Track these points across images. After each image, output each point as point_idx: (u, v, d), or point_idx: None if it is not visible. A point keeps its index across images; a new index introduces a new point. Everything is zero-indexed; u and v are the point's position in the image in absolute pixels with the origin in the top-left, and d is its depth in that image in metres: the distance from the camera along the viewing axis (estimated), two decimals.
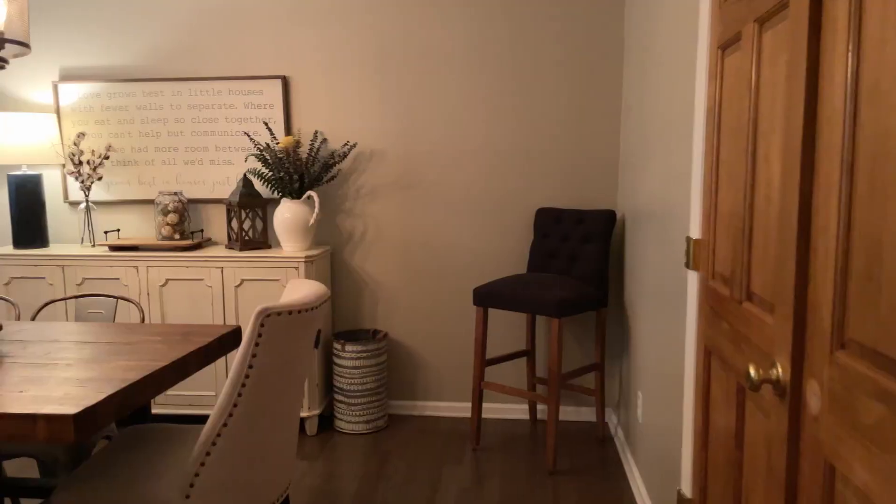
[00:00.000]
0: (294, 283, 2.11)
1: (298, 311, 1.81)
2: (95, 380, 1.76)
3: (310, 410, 3.24)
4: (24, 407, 1.56)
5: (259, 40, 3.42)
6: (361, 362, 3.25)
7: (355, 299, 3.53)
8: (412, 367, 3.55)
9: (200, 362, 2.10)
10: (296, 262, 3.13)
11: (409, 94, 3.39)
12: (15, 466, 2.94)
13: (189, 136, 3.50)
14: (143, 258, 3.20)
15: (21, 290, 3.28)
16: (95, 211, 3.59)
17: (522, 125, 3.35)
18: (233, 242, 3.33)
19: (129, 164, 3.54)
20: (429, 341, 3.53)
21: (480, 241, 3.43)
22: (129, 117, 3.51)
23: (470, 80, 3.35)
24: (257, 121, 3.45)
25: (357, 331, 3.49)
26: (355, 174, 3.47)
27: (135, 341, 2.16)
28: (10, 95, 3.56)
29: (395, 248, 3.49)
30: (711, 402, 1.78)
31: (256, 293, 3.17)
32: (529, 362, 3.36)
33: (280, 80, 3.41)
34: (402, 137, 3.42)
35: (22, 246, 3.36)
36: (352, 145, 3.42)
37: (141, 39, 3.47)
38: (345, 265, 3.52)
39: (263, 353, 1.76)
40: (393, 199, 3.46)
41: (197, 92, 3.46)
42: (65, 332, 2.28)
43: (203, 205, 3.54)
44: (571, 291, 2.86)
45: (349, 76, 3.41)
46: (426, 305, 3.50)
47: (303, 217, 3.21)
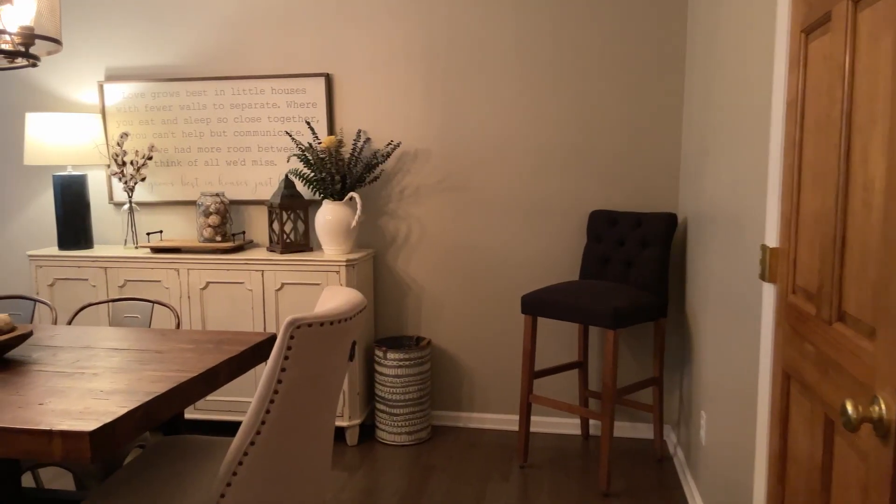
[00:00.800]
0: (330, 291, 1.99)
1: (331, 322, 1.68)
2: (119, 392, 1.67)
3: (350, 420, 3.12)
4: (41, 421, 1.47)
5: (303, 37, 3.33)
6: (404, 371, 3.11)
7: (398, 305, 3.40)
8: (457, 377, 3.40)
9: (232, 372, 2.00)
10: (337, 265, 3.02)
11: (455, 92, 3.24)
12: (50, 473, 2.91)
13: (232, 136, 3.43)
14: (184, 260, 3.14)
15: (64, 292, 3.27)
16: (139, 212, 3.56)
17: (575, 122, 3.16)
18: (274, 245, 3.24)
19: (172, 165, 3.50)
20: (474, 350, 3.37)
21: (529, 245, 3.26)
22: (173, 117, 3.47)
23: (519, 76, 3.18)
24: (300, 120, 3.36)
25: (400, 337, 3.36)
26: (399, 174, 3.34)
27: (165, 349, 2.07)
28: (58, 96, 3.57)
29: (439, 251, 3.34)
30: (790, 431, 1.58)
31: (297, 298, 3.08)
32: (581, 375, 3.17)
33: (323, 77, 3.31)
34: (447, 136, 3.28)
35: (66, 247, 3.35)
36: (395, 145, 3.29)
37: (185, 38, 3.43)
38: (387, 269, 3.39)
39: (293, 367, 1.64)
40: (438, 200, 3.32)
41: (240, 91, 3.39)
42: (97, 337, 2.21)
43: (245, 206, 3.47)
44: (628, 300, 2.67)
45: (394, 73, 3.28)
46: (472, 312, 3.35)
47: (345, 219, 3.10)
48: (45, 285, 3.28)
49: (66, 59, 3.54)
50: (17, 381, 1.76)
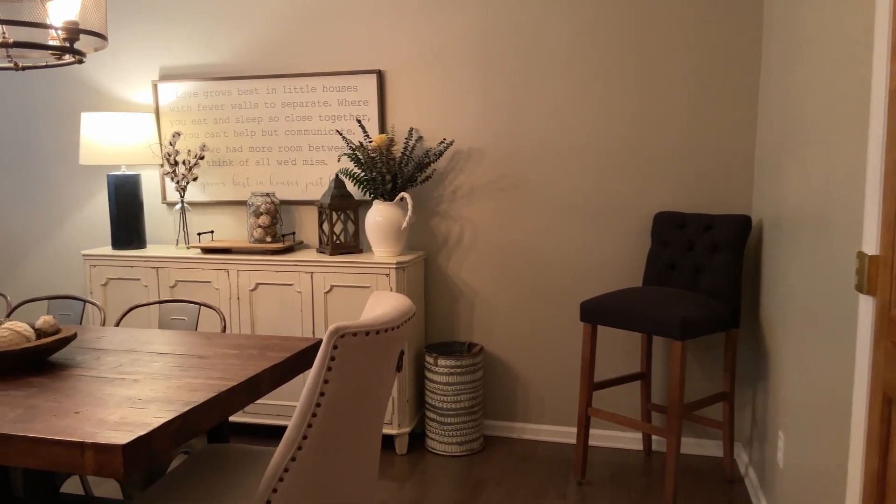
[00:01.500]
0: (377, 297, 1.88)
1: (377, 331, 1.56)
2: (157, 401, 1.59)
3: (399, 428, 3.02)
4: (74, 432, 1.40)
5: (355, 34, 3.25)
6: (455, 378, 2.99)
7: (449, 309, 3.28)
8: (511, 386, 3.25)
9: (275, 381, 1.91)
10: (387, 268, 2.92)
11: (511, 88, 3.10)
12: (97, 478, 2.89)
13: (283, 135, 3.37)
14: (234, 261, 3.09)
15: (117, 292, 3.27)
16: (190, 212, 3.54)
17: (639, 119, 2.98)
18: (323, 246, 3.16)
19: (223, 165, 3.47)
20: (529, 358, 3.22)
21: (589, 248, 3.09)
22: (225, 116, 3.43)
23: (580, 69, 3.02)
24: (351, 118, 3.27)
25: (451, 343, 3.23)
26: (452, 174, 3.21)
27: (209, 354, 1.99)
28: (113, 95, 3.58)
29: (493, 254, 3.20)
30: (891, 464, 1.38)
31: (346, 300, 2.99)
32: (644, 387, 2.98)
33: (375, 74, 3.21)
34: (503, 134, 3.14)
35: (120, 247, 3.35)
36: (448, 143, 3.17)
37: (237, 36, 3.39)
38: (439, 272, 3.27)
39: (337, 378, 1.53)
40: (492, 200, 3.18)
41: (291, 89, 3.33)
42: (142, 340, 2.16)
43: (295, 206, 3.41)
44: (697, 309, 2.47)
45: (447, 69, 3.16)
46: (527, 318, 3.20)
47: (395, 220, 2.99)
48: (98, 285, 3.28)
49: (120, 58, 3.55)
50: (56, 386, 1.71)
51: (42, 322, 1.96)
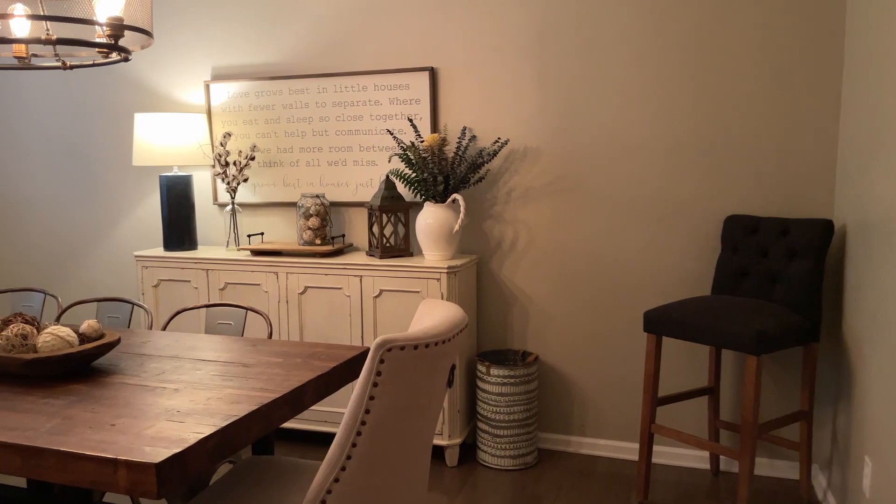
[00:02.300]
0: (426, 305, 1.76)
1: (426, 344, 1.44)
2: (196, 413, 1.51)
3: (450, 439, 2.90)
4: (107, 447, 1.33)
5: (407, 30, 3.15)
6: (508, 389, 2.85)
7: (503, 316, 3.14)
8: (567, 397, 3.09)
9: (320, 392, 1.81)
10: (437, 272, 2.80)
11: (570, 84, 2.95)
12: None
13: (333, 135, 3.30)
14: (283, 264, 3.03)
15: (168, 293, 3.25)
16: (241, 213, 3.51)
17: (708, 115, 2.78)
18: (373, 249, 3.07)
19: (274, 166, 3.42)
20: (588, 369, 3.05)
21: (653, 254, 2.91)
22: (276, 116, 3.38)
23: (643, 65, 2.84)
24: (402, 117, 3.17)
25: (504, 351, 3.10)
26: (506, 175, 3.08)
27: (252, 363, 1.92)
28: (166, 96, 3.58)
29: (549, 258, 3.05)
30: None
31: (395, 305, 2.89)
32: (712, 402, 2.78)
33: (427, 72, 3.10)
34: (560, 133, 2.98)
35: (171, 248, 3.33)
36: (503, 142, 3.04)
37: (289, 34, 3.33)
38: (492, 277, 3.14)
39: (383, 395, 1.42)
40: (548, 202, 3.03)
41: (342, 88, 3.26)
42: (186, 346, 2.10)
43: (346, 208, 3.33)
44: (774, 321, 2.27)
45: (502, 65, 3.03)
46: (585, 327, 3.03)
47: (447, 222, 2.88)
48: (149, 286, 3.27)
49: (174, 59, 3.54)
50: (96, 394, 1.65)
51: (86, 327, 1.91)
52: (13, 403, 1.58)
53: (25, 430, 1.41)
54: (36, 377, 1.79)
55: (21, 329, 1.79)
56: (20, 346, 1.77)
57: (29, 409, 1.54)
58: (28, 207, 3.94)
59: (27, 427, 1.43)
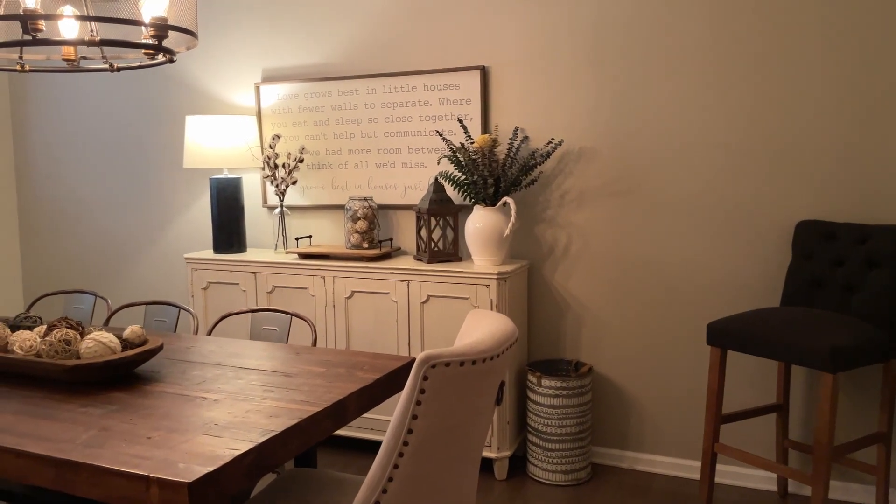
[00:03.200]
0: (475, 317, 1.67)
1: (473, 360, 1.35)
2: (234, 427, 1.45)
3: (499, 451, 2.79)
4: (139, 463, 1.28)
5: (457, 28, 3.06)
6: (561, 401, 2.73)
7: (555, 324, 3.02)
8: (623, 411, 2.95)
9: (362, 405, 1.74)
10: (487, 278, 2.70)
11: (628, 81, 2.80)
12: None
13: (382, 136, 3.24)
14: (330, 268, 2.98)
15: (217, 296, 3.24)
16: (290, 216, 3.48)
17: (776, 112, 2.60)
18: (421, 253, 2.99)
19: (323, 168, 3.38)
20: (645, 381, 2.90)
21: (718, 261, 2.74)
22: (325, 118, 3.34)
23: (706, 60, 2.68)
24: (452, 118, 3.09)
25: (556, 361, 2.97)
26: (560, 177, 2.96)
27: (294, 372, 1.86)
28: (218, 98, 3.58)
29: (605, 265, 2.92)
30: None
31: (443, 312, 2.80)
32: (780, 421, 2.60)
33: (479, 71, 3.01)
34: (617, 133, 2.84)
35: (221, 250, 3.33)
36: (557, 143, 2.92)
37: (338, 36, 3.28)
38: (544, 283, 3.02)
39: (427, 414, 1.33)
40: (604, 206, 2.89)
41: (391, 88, 3.19)
42: (229, 353, 2.06)
43: (394, 211, 3.26)
44: (851, 336, 2.09)
45: (557, 63, 2.91)
46: (643, 337, 2.88)
47: (497, 227, 2.77)
48: (199, 288, 3.28)
49: (225, 61, 3.54)
50: (135, 403, 1.61)
51: (129, 332, 1.89)
52: (52, 412, 1.56)
53: (61, 442, 1.38)
54: (78, 383, 1.77)
55: (65, 334, 1.77)
56: (63, 352, 1.75)
57: (67, 419, 1.51)
58: (84, 208, 4.01)
59: (63, 438, 1.40)
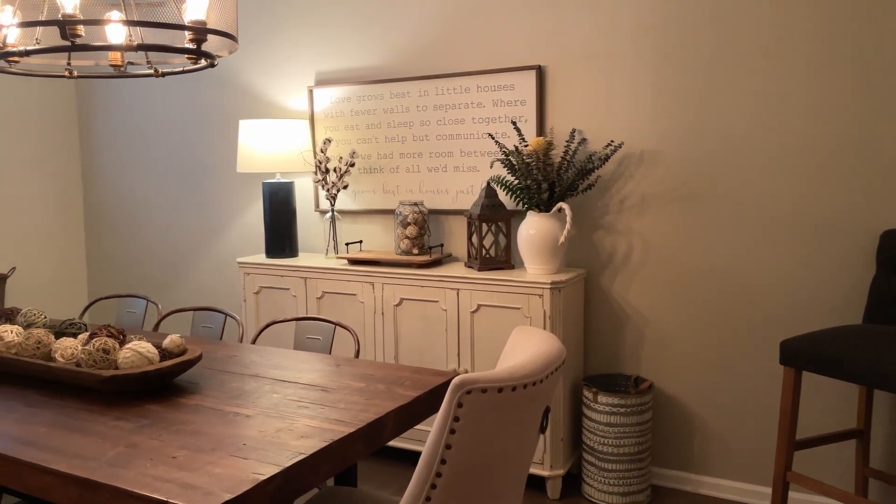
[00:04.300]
0: (519, 335, 1.55)
1: (513, 387, 1.24)
2: (262, 448, 1.38)
3: (552, 469, 2.66)
4: (160, 487, 1.22)
5: (512, 27, 2.94)
6: (618, 419, 2.58)
7: (613, 337, 2.86)
8: (686, 431, 2.77)
9: (401, 425, 1.65)
10: (540, 287, 2.58)
11: (695, 79, 2.63)
12: None
13: (434, 140, 3.15)
14: (378, 274, 2.92)
15: (268, 300, 3.22)
16: (341, 220, 3.44)
17: (862, 116, 2.38)
18: (472, 260, 2.89)
19: (374, 172, 3.32)
20: (712, 401, 2.71)
21: (792, 273, 2.53)
22: (377, 121, 3.28)
23: (783, 56, 2.48)
24: (506, 120, 2.97)
25: (614, 376, 2.82)
26: (619, 181, 2.80)
27: (333, 386, 1.78)
28: (272, 102, 3.57)
29: (668, 275, 2.74)
30: None
31: (494, 322, 2.69)
32: (860, 448, 2.37)
33: (534, 70, 2.88)
34: (682, 135, 2.67)
35: (273, 255, 3.31)
36: (616, 146, 2.76)
37: (391, 37, 3.22)
38: (601, 294, 2.87)
39: (462, 443, 1.23)
40: (668, 212, 2.72)
41: (443, 90, 3.10)
42: (270, 364, 2.01)
43: (445, 216, 3.17)
44: None
45: (617, 61, 2.75)
46: (709, 353, 2.70)
47: (551, 233, 2.64)
48: (251, 293, 3.27)
49: (279, 65, 3.53)
50: (168, 417, 1.57)
51: (168, 342, 1.86)
52: (85, 424, 1.53)
53: (87, 459, 1.34)
54: (115, 393, 1.75)
55: (104, 343, 1.75)
56: (101, 361, 1.73)
57: (98, 433, 1.48)
58: (143, 211, 4.08)
59: (90, 455, 1.36)
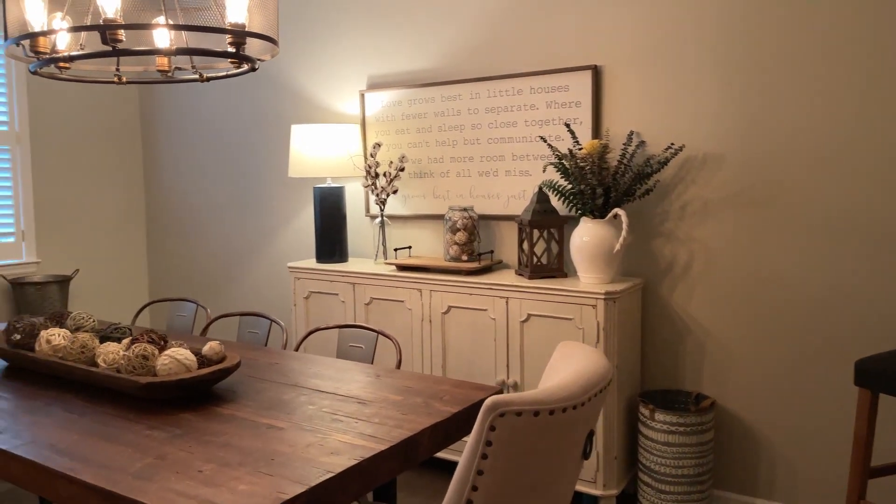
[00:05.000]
0: (565, 349, 1.45)
1: (551, 410, 1.14)
2: (290, 464, 1.33)
3: (605, 489, 2.53)
4: (180, 503, 1.18)
5: (566, 26, 2.83)
6: (677, 438, 2.43)
7: (672, 351, 2.71)
8: (751, 452, 2.59)
9: (437, 443, 1.57)
10: (594, 297, 2.46)
11: (761, 78, 2.46)
12: None
13: (485, 143, 3.07)
14: (427, 281, 2.85)
15: (318, 306, 3.21)
16: (391, 226, 3.39)
17: None
18: (522, 268, 2.79)
19: (425, 176, 3.26)
20: (779, 421, 2.53)
21: (870, 287, 2.33)
22: (427, 125, 3.22)
23: (859, 52, 2.28)
24: (559, 123, 2.86)
25: (673, 392, 2.66)
26: (680, 186, 2.65)
27: (370, 398, 1.72)
28: (324, 107, 3.56)
29: (732, 286, 2.57)
30: None
31: (545, 333, 2.58)
32: None
33: (590, 70, 2.77)
34: (749, 136, 2.50)
35: (323, 260, 3.29)
36: (677, 149, 2.61)
37: (443, 38, 3.15)
38: (659, 305, 2.72)
39: (495, 470, 1.14)
40: (733, 219, 2.55)
41: (495, 92, 3.01)
42: (310, 373, 1.96)
43: (496, 222, 3.08)
44: None
45: (678, 60, 2.61)
46: (777, 371, 2.51)
47: (606, 241, 2.52)
48: (301, 297, 3.26)
49: (331, 69, 3.51)
50: (200, 427, 1.54)
51: (207, 348, 1.84)
52: (119, 433, 1.52)
53: (114, 471, 1.31)
54: (152, 400, 1.73)
55: (143, 349, 1.74)
56: (140, 367, 1.72)
57: (129, 442, 1.46)
58: (199, 215, 4.15)
59: (117, 466, 1.33)
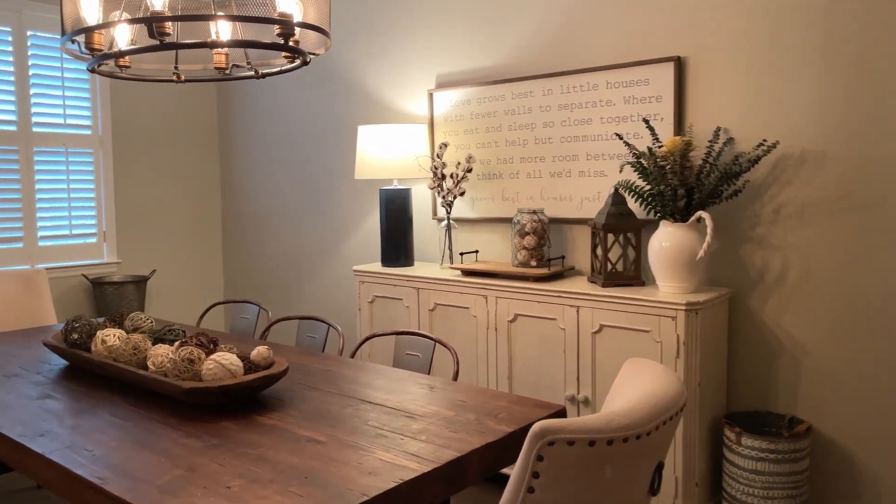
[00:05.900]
0: (633, 368, 1.28)
1: (609, 440, 0.98)
2: (325, 486, 1.22)
3: None
4: None
5: (645, 15, 2.63)
6: (767, 466, 2.18)
7: (763, 369, 2.45)
8: (852, 484, 2.30)
9: (487, 466, 1.43)
10: (673, 308, 2.24)
11: (867, 68, 2.18)
12: None
13: (557, 142, 2.90)
14: (492, 287, 2.71)
15: (382, 310, 3.12)
16: (458, 229, 3.27)
17: None
18: (595, 274, 2.60)
19: (493, 178, 3.12)
20: (885, 450, 2.23)
21: None
22: (497, 124, 3.08)
23: None
24: (638, 119, 2.66)
25: (763, 414, 2.41)
26: (774, 187, 2.39)
27: (420, 413, 1.60)
28: (392, 107, 3.49)
29: (832, 299, 2.30)
30: None
31: (618, 345, 2.39)
32: None
33: (673, 62, 2.55)
34: (853, 134, 2.23)
35: (388, 264, 3.21)
36: (770, 146, 2.36)
37: (514, 34, 3.01)
38: (749, 317, 2.47)
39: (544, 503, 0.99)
40: (834, 224, 2.28)
41: (569, 88, 2.84)
42: (361, 382, 1.86)
43: (568, 225, 2.90)
44: None
45: (774, 50, 2.36)
46: (882, 394, 2.22)
47: (688, 246, 2.30)
48: (366, 302, 3.18)
49: (401, 69, 3.43)
50: (237, 438, 1.46)
51: (255, 353, 1.76)
52: (156, 439, 1.45)
53: (142, 482, 1.24)
54: (196, 406, 1.67)
55: (189, 353, 1.69)
56: (185, 371, 1.67)
57: (164, 450, 1.39)
58: (271, 217, 4.16)
59: (145, 477, 1.26)
